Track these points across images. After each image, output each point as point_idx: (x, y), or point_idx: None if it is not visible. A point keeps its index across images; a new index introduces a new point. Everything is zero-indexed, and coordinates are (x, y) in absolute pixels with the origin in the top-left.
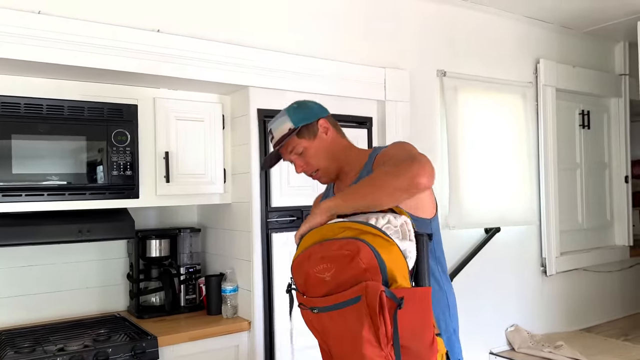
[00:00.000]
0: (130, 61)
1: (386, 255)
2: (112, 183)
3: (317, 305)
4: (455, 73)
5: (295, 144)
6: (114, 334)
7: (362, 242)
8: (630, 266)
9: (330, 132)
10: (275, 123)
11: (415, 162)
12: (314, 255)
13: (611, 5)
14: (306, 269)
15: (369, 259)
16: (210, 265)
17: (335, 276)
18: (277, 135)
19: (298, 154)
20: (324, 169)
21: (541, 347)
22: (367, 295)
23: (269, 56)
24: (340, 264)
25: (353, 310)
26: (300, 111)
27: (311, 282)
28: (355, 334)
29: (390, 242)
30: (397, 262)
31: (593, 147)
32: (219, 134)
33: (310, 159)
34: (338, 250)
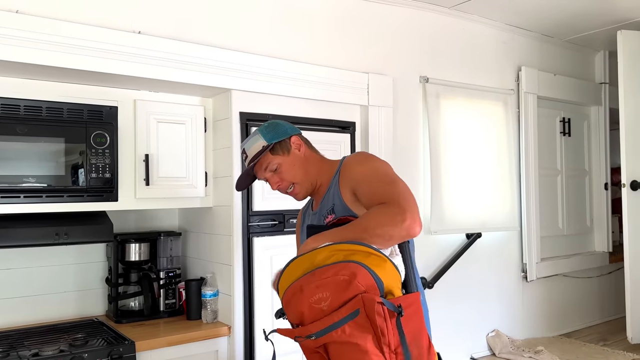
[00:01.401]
0: (110, 62)
1: (381, 272)
2: (90, 185)
3: (313, 332)
4: (438, 79)
5: (270, 161)
6: (91, 339)
7: (356, 264)
8: (610, 272)
9: (302, 148)
10: (247, 143)
11: (407, 211)
12: (306, 285)
13: (591, 15)
14: (301, 301)
15: (366, 280)
16: (190, 270)
17: (332, 303)
18: (251, 154)
19: (272, 170)
20: (299, 183)
21: (521, 352)
22: (365, 307)
23: (251, 59)
24: (336, 290)
25: (354, 325)
26: (271, 129)
27: (308, 315)
28: (360, 348)
29: (383, 258)
30: (392, 276)
31: (573, 154)
32: (201, 137)
33: (285, 175)
34: (333, 276)
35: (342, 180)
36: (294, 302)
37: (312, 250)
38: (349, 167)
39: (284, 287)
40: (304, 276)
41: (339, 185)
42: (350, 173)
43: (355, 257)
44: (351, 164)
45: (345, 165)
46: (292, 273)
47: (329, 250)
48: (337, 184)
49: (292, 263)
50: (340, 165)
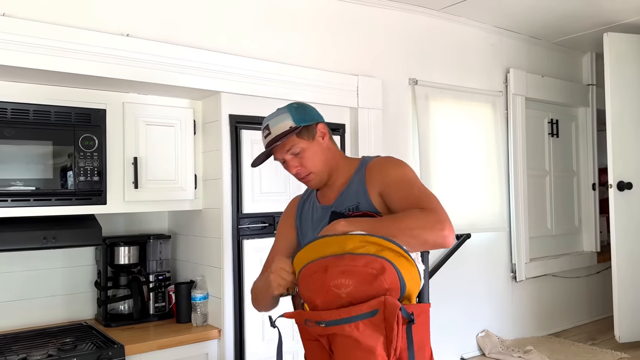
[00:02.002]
0: (98, 65)
1: (407, 275)
2: (79, 189)
3: (324, 319)
4: (427, 82)
5: (294, 144)
6: (79, 343)
7: (387, 261)
8: (598, 272)
9: (326, 137)
10: (273, 119)
11: (446, 221)
12: (332, 267)
13: (578, 17)
14: (321, 281)
15: (392, 280)
16: (180, 273)
17: (352, 293)
18: (276, 132)
19: (295, 154)
20: (317, 173)
21: (511, 352)
22: (386, 310)
23: (241, 62)
24: (361, 281)
25: (369, 324)
26: (301, 111)
27: (323, 296)
28: (368, 347)
29: (411, 263)
30: (414, 282)
31: (561, 155)
32: (190, 139)
33: (306, 161)
34: (363, 267)
35: (370, 180)
36: (314, 279)
37: (343, 235)
38: (379, 168)
39: (304, 261)
40: (331, 257)
41: (366, 185)
42: (383, 175)
43: (386, 254)
44: (383, 166)
45: (375, 167)
46: (317, 250)
47: (360, 239)
48: (363, 184)
49: (318, 241)
50: (365, 165)
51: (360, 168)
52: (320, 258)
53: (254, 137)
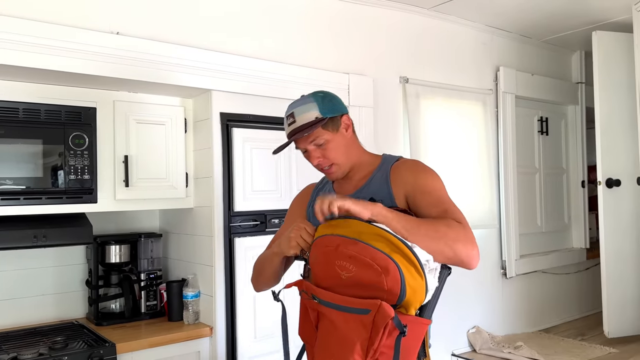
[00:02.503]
0: (88, 63)
1: (411, 284)
2: (69, 187)
3: (319, 297)
4: (418, 80)
5: (318, 135)
6: (71, 342)
7: (394, 263)
8: (587, 268)
9: (350, 129)
10: (299, 107)
11: (476, 243)
12: (343, 248)
13: (567, 16)
14: (329, 255)
15: (393, 283)
16: (171, 271)
17: (351, 279)
18: (301, 121)
19: (318, 145)
20: (339, 164)
21: (501, 348)
22: (377, 314)
23: (232, 60)
24: (363, 273)
25: (356, 319)
26: (328, 102)
27: (325, 270)
28: (349, 341)
29: (421, 276)
30: (417, 295)
31: (551, 153)
32: (181, 137)
33: (330, 153)
34: (370, 260)
35: (396, 180)
36: (324, 252)
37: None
38: (411, 171)
39: (323, 232)
40: (347, 239)
41: (391, 184)
42: (415, 178)
43: (396, 257)
44: (414, 169)
45: (405, 168)
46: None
47: (378, 232)
48: (387, 182)
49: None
50: (390, 164)
51: (384, 165)
52: (337, 235)
53: (245, 135)
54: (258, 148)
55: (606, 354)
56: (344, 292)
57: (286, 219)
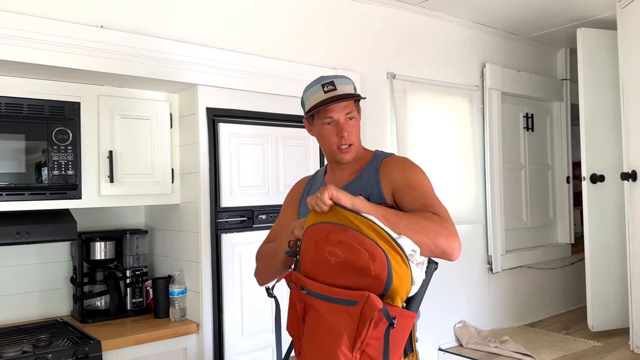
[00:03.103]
0: (72, 57)
1: (397, 271)
2: (53, 183)
3: (307, 287)
4: (405, 76)
5: (353, 109)
6: (55, 339)
7: (382, 250)
8: (572, 263)
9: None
10: (339, 79)
11: (458, 237)
12: (334, 234)
13: (553, 13)
14: (319, 242)
15: (380, 269)
16: (157, 268)
17: (339, 265)
18: (343, 90)
19: (350, 119)
20: (356, 146)
21: (488, 342)
22: (365, 306)
23: (218, 54)
24: (352, 258)
25: (344, 311)
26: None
27: (315, 257)
28: (336, 332)
29: (406, 263)
30: (403, 284)
31: (537, 149)
32: (167, 132)
33: (354, 132)
34: (359, 245)
35: (385, 175)
36: (314, 240)
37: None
38: (398, 167)
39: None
40: (337, 225)
41: (380, 179)
42: (402, 174)
43: (383, 246)
44: (402, 165)
45: (393, 164)
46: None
47: (369, 223)
48: (377, 177)
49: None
50: (380, 160)
51: (374, 161)
52: (328, 222)
53: (231, 131)
54: (245, 143)
55: (590, 348)
56: (332, 279)
57: (280, 214)
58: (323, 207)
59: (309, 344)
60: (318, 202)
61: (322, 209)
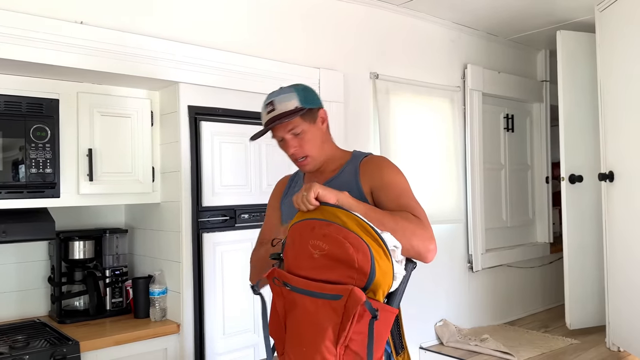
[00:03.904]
0: (51, 53)
1: (380, 264)
2: (30, 181)
3: (291, 283)
4: (388, 76)
5: (297, 124)
6: (32, 340)
7: (365, 243)
8: (551, 262)
9: (325, 123)
10: (279, 96)
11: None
12: (318, 229)
13: (533, 15)
14: (304, 237)
15: (364, 261)
16: (137, 267)
17: (324, 257)
18: (281, 109)
19: (295, 134)
20: (313, 157)
21: (468, 340)
22: (349, 300)
23: (200, 52)
24: (336, 250)
25: (327, 305)
26: (308, 93)
27: (299, 252)
28: (320, 327)
29: (388, 257)
30: (386, 278)
31: (517, 149)
32: (147, 131)
33: (305, 144)
34: (343, 238)
35: (364, 176)
36: (300, 234)
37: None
38: (377, 166)
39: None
40: (322, 221)
41: (360, 179)
42: (381, 174)
43: (367, 240)
44: (381, 165)
45: (372, 164)
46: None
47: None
48: (357, 177)
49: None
50: (360, 160)
51: (353, 161)
52: (313, 218)
53: (214, 129)
54: (227, 142)
55: (568, 345)
56: (314, 273)
57: (266, 215)
58: (309, 206)
59: (293, 342)
60: (304, 200)
61: (307, 208)
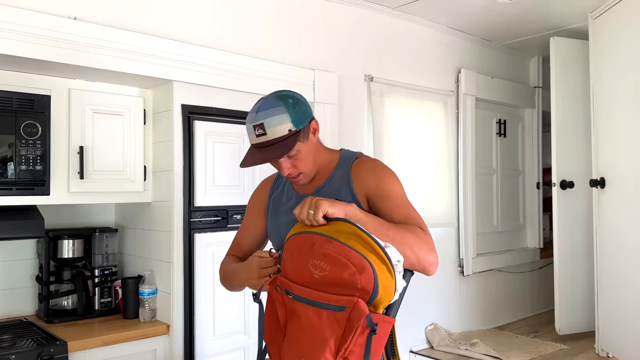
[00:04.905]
0: (43, 49)
1: (383, 282)
2: (20, 178)
3: (294, 292)
4: (382, 79)
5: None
6: (19, 340)
7: (368, 263)
8: (540, 267)
9: (317, 133)
10: (269, 118)
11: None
12: (317, 247)
13: (527, 21)
14: (303, 255)
15: (367, 282)
16: (127, 267)
17: (325, 278)
18: (273, 134)
19: (290, 156)
20: (307, 173)
21: (458, 344)
22: (353, 312)
23: (195, 50)
24: (337, 272)
25: (331, 316)
26: (299, 109)
27: (298, 270)
28: (322, 337)
29: (391, 273)
30: (388, 293)
31: (508, 155)
32: (140, 129)
33: (300, 163)
34: (345, 259)
35: (357, 180)
36: (298, 251)
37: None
38: (372, 172)
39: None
40: (322, 236)
41: (353, 184)
42: (377, 181)
43: (370, 257)
44: (376, 171)
45: (366, 169)
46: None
47: (354, 231)
48: (349, 182)
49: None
50: (350, 163)
51: (342, 165)
52: (313, 233)
53: (207, 128)
54: (220, 142)
55: (557, 350)
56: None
57: (245, 216)
58: (314, 223)
59: (291, 352)
60: (310, 219)
61: (313, 224)
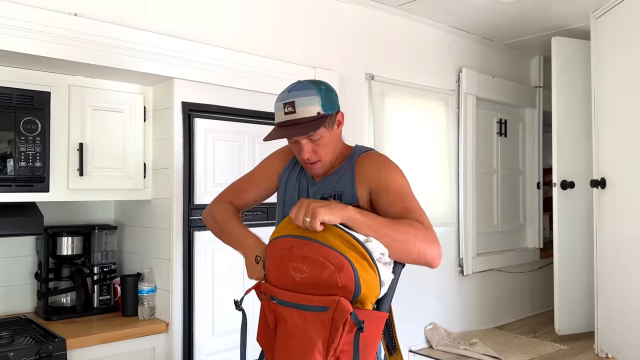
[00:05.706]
0: (43, 45)
1: (365, 279)
2: (19, 175)
3: (278, 297)
4: (383, 77)
5: (317, 132)
6: (17, 337)
7: (347, 260)
8: (540, 267)
9: (341, 126)
10: (301, 98)
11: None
12: (295, 249)
13: (529, 21)
14: (283, 259)
15: (347, 280)
16: (126, 265)
17: (306, 279)
18: (302, 114)
19: (313, 140)
20: (325, 162)
21: (457, 344)
22: (336, 311)
23: (196, 48)
24: (317, 273)
25: (315, 317)
26: (330, 96)
27: (279, 275)
28: (309, 339)
29: (373, 269)
30: (372, 289)
31: (509, 154)
32: (140, 126)
33: (321, 149)
34: (323, 259)
35: (360, 174)
36: (278, 254)
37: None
38: (376, 167)
39: (280, 232)
40: (300, 239)
41: (355, 178)
42: (380, 175)
43: (349, 254)
44: (380, 166)
45: (370, 164)
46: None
47: (332, 230)
48: (352, 176)
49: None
50: (356, 158)
51: (351, 158)
52: (290, 236)
53: (207, 126)
54: (221, 140)
55: (557, 351)
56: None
57: (256, 169)
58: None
59: (282, 356)
60: (307, 226)
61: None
